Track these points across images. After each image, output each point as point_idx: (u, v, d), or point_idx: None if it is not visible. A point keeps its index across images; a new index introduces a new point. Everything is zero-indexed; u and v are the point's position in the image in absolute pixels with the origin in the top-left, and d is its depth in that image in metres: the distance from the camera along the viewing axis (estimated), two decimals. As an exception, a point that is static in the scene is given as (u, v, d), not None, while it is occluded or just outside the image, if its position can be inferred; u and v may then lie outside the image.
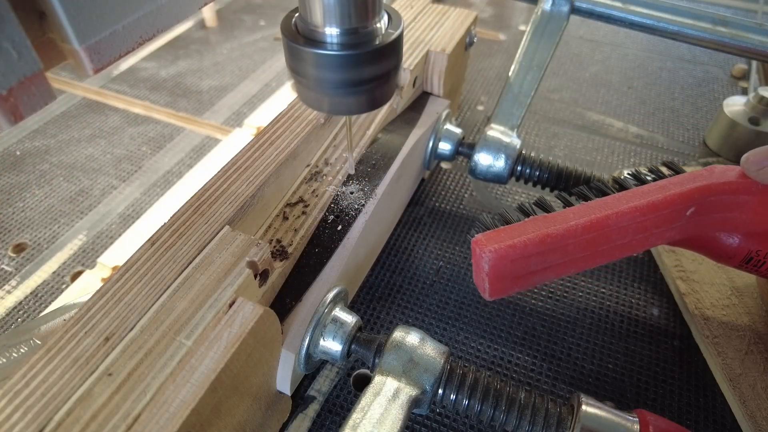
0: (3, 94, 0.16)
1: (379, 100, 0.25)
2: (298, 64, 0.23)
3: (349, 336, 0.28)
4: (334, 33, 0.22)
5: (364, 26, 0.22)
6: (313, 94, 0.24)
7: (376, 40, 0.23)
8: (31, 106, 0.17)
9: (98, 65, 0.19)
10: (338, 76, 0.23)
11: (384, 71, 0.24)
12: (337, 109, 0.25)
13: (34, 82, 0.17)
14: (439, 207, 0.45)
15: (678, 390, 0.34)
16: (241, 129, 0.54)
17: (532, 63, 0.43)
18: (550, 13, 0.44)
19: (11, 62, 0.16)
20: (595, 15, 0.45)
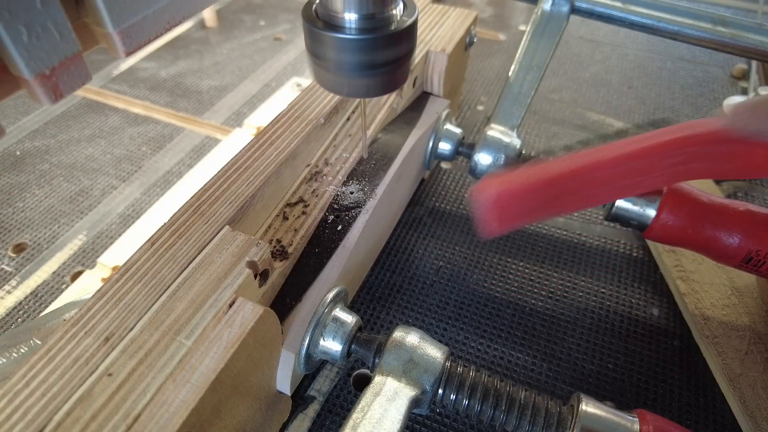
0: (46, 72, 0.17)
1: (394, 84, 0.26)
2: (317, 47, 0.24)
3: (349, 336, 0.28)
4: (352, 18, 0.23)
5: (381, 12, 0.24)
6: (331, 76, 0.25)
7: (392, 26, 0.24)
8: (71, 86, 0.18)
9: (129, 48, 0.20)
10: (355, 59, 0.24)
11: (399, 55, 0.25)
12: (353, 92, 0.26)
13: (73, 63, 0.18)
14: (439, 207, 0.45)
15: (678, 390, 0.34)
16: (241, 129, 0.54)
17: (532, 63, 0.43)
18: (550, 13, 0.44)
19: (54, 43, 0.17)
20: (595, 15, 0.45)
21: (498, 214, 0.27)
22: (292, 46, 0.69)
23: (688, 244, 0.33)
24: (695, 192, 0.33)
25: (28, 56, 0.17)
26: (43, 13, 0.17)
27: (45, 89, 0.18)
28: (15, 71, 0.17)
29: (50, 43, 0.17)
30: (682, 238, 0.33)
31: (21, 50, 0.16)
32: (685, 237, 0.33)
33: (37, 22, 0.17)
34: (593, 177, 0.27)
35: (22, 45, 0.16)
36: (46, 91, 0.18)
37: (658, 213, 0.33)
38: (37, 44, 0.17)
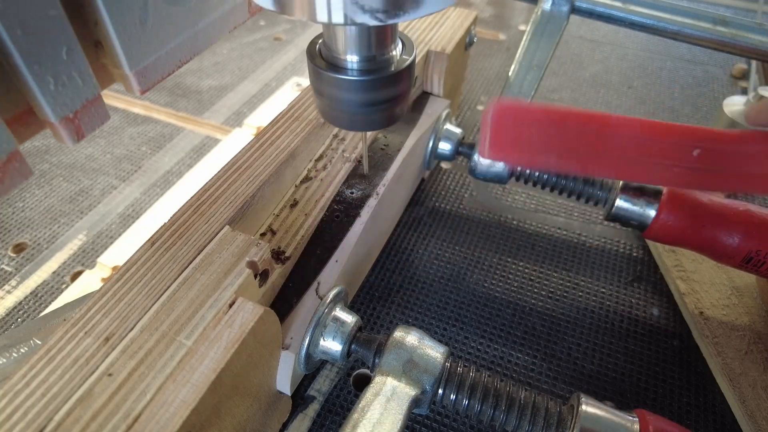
0: (70, 116, 0.19)
1: (394, 118, 0.27)
2: (321, 85, 0.26)
3: (349, 336, 0.28)
4: (354, 60, 0.24)
5: (382, 54, 0.24)
6: (333, 112, 0.27)
7: (391, 66, 0.25)
8: (91, 126, 0.20)
9: (144, 87, 0.21)
10: (357, 98, 0.25)
11: (398, 93, 0.26)
12: (355, 126, 0.28)
13: (94, 105, 0.20)
14: (439, 207, 0.45)
15: (678, 390, 0.34)
16: (241, 129, 0.54)
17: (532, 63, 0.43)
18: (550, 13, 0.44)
19: (77, 88, 0.19)
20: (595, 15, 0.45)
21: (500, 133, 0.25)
22: (292, 46, 0.68)
23: (688, 244, 0.33)
24: (695, 192, 0.33)
25: (54, 102, 0.18)
26: (69, 63, 0.18)
27: (69, 131, 0.19)
28: (41, 116, 0.18)
29: (74, 89, 0.18)
30: (682, 238, 0.33)
31: (48, 98, 0.18)
32: (685, 237, 0.33)
33: (63, 71, 0.18)
34: (610, 134, 0.25)
35: (49, 93, 0.18)
36: (69, 132, 0.19)
37: (658, 213, 0.33)
38: (62, 91, 0.18)
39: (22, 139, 0.18)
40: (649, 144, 0.26)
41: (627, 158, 0.26)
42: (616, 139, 0.26)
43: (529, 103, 0.25)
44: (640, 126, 0.25)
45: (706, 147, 0.26)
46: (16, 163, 0.18)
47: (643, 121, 0.26)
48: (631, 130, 0.25)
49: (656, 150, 0.26)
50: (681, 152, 0.26)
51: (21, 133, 0.18)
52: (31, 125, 0.19)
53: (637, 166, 0.26)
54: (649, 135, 0.25)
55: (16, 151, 0.18)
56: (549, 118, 0.25)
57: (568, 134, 0.25)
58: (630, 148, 0.26)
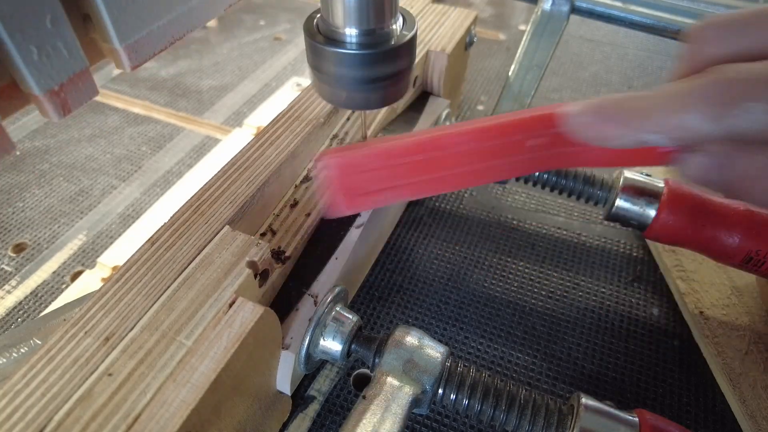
0: (55, 89, 0.18)
1: (393, 97, 0.27)
2: (318, 61, 0.25)
3: (349, 336, 0.28)
4: (353, 33, 0.23)
5: (381, 27, 0.24)
6: (331, 89, 0.26)
7: (391, 41, 0.24)
8: (78, 100, 0.19)
9: (135, 63, 0.20)
10: (356, 74, 0.24)
11: (398, 70, 0.25)
12: (353, 104, 0.27)
13: (81, 78, 0.19)
14: (439, 207, 0.45)
15: (678, 390, 0.34)
16: (241, 129, 0.54)
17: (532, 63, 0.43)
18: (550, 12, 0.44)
19: (63, 60, 0.18)
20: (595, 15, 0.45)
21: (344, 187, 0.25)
22: (292, 45, 0.68)
23: (688, 244, 0.33)
24: (695, 192, 0.33)
25: (38, 74, 0.17)
26: (54, 32, 0.17)
27: (54, 105, 0.18)
28: (25, 88, 0.18)
29: (59, 60, 0.18)
30: (682, 238, 0.33)
31: (31, 68, 0.17)
32: (685, 237, 0.33)
33: (48, 41, 0.17)
34: (443, 155, 0.25)
35: (32, 63, 0.17)
36: (55, 107, 0.18)
37: (658, 213, 0.33)
38: (47, 62, 0.17)
39: (5, 113, 0.18)
40: (485, 149, 0.25)
41: (468, 168, 0.25)
42: (452, 156, 0.25)
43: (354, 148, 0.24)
44: (472, 135, 0.24)
45: (538, 134, 0.24)
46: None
47: (474, 129, 0.24)
48: (462, 143, 0.24)
49: (492, 152, 0.25)
50: (516, 146, 0.25)
51: (4, 108, 0.18)
52: (14, 99, 0.18)
53: (478, 172, 0.25)
54: (481, 141, 0.24)
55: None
56: (378, 159, 0.24)
57: (402, 168, 0.25)
58: (467, 158, 0.25)
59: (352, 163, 0.24)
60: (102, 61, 0.21)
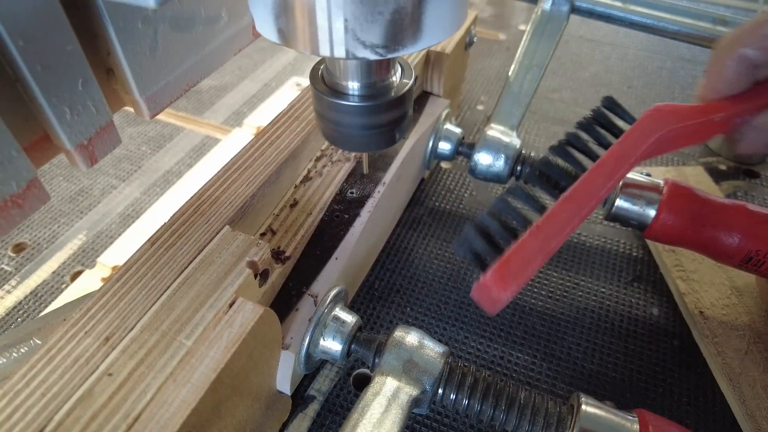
0: (84, 143, 0.19)
1: (395, 139, 0.28)
2: (322, 109, 0.26)
3: (349, 336, 0.28)
4: (355, 86, 0.25)
5: (382, 80, 0.25)
6: (336, 134, 0.27)
7: (392, 92, 0.25)
8: (104, 151, 0.21)
9: (154, 112, 0.22)
10: (357, 122, 0.26)
11: (399, 116, 0.26)
12: (356, 148, 0.29)
13: (106, 131, 0.20)
14: (439, 207, 0.45)
15: (678, 390, 0.34)
16: (241, 129, 0.54)
17: (532, 63, 0.43)
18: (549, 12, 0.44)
19: (91, 116, 0.19)
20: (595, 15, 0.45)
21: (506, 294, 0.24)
22: (292, 45, 0.68)
23: (687, 243, 0.33)
24: (695, 192, 0.33)
25: (70, 131, 0.19)
26: (84, 93, 0.19)
27: (83, 157, 0.20)
28: (57, 143, 0.19)
29: (88, 117, 0.19)
30: (682, 238, 0.33)
31: (65, 127, 0.19)
32: (685, 237, 0.33)
33: (79, 101, 0.19)
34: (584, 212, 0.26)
35: (65, 122, 0.19)
36: (83, 158, 0.20)
37: (658, 213, 0.33)
38: (77, 120, 0.19)
39: (38, 164, 0.19)
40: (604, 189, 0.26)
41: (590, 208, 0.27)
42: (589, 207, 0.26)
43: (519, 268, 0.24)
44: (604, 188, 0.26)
45: None
46: (35, 189, 0.18)
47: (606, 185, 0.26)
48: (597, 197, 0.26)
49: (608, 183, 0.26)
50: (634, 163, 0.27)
51: (37, 159, 0.19)
52: (47, 151, 0.19)
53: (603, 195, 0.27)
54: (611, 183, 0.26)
55: (35, 178, 0.18)
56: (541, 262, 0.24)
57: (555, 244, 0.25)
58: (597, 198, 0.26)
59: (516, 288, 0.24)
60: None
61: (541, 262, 0.24)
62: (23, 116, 0.18)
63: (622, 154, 0.26)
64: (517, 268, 0.24)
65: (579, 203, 0.25)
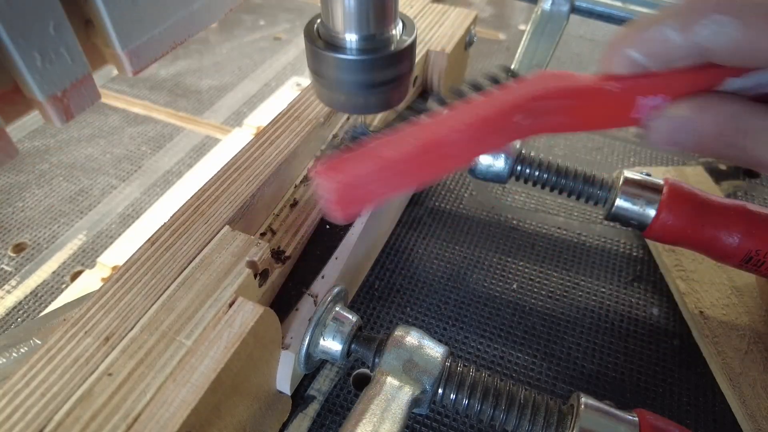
0: (58, 95, 0.18)
1: (393, 102, 0.27)
2: (318, 66, 0.25)
3: (349, 335, 0.28)
4: (353, 39, 0.24)
5: (381, 33, 0.24)
6: (331, 94, 0.26)
7: (391, 46, 0.24)
8: (81, 106, 0.19)
9: (137, 67, 0.21)
10: (355, 79, 0.24)
11: (398, 75, 0.25)
12: (353, 109, 0.27)
13: (83, 84, 0.19)
14: (439, 207, 0.45)
15: (678, 390, 0.34)
16: (241, 129, 0.54)
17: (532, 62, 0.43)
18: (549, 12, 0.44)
19: (66, 66, 0.18)
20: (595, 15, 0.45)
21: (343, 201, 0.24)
22: (292, 45, 0.68)
23: (687, 243, 0.33)
24: (695, 192, 0.33)
25: (41, 80, 0.17)
26: (56, 38, 0.17)
27: (57, 110, 0.18)
28: (28, 93, 0.18)
29: (62, 66, 0.18)
30: (681, 238, 0.33)
31: (35, 74, 0.17)
32: (685, 237, 0.33)
33: (51, 47, 0.17)
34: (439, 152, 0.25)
35: (35, 69, 0.17)
36: (57, 112, 0.18)
37: (657, 213, 0.33)
38: (49, 68, 0.17)
39: (8, 119, 0.18)
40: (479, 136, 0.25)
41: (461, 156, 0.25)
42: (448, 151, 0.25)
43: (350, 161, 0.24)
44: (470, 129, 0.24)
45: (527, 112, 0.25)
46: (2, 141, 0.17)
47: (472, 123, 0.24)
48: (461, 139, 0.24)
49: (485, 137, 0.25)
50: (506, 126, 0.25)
51: (7, 113, 0.18)
52: (17, 104, 0.18)
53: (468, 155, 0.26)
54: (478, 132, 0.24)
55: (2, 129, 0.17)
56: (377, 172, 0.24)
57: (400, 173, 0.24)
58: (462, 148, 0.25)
59: (350, 181, 0.23)
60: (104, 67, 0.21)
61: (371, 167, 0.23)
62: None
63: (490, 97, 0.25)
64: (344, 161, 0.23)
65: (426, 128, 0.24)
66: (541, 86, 0.25)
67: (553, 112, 0.25)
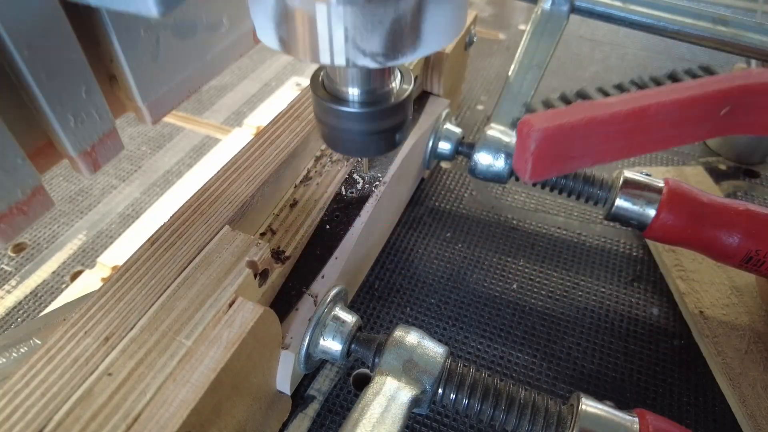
0: (88, 150, 0.20)
1: (395, 144, 0.28)
2: (323, 114, 0.26)
3: (348, 335, 0.28)
4: (355, 93, 0.25)
5: (381, 87, 0.25)
6: (336, 140, 0.27)
7: (391, 98, 0.25)
8: (107, 157, 0.21)
9: (156, 118, 0.22)
10: (358, 128, 0.26)
11: (399, 122, 0.27)
12: (355, 153, 0.29)
13: (109, 138, 0.21)
14: (439, 207, 0.45)
15: (678, 389, 0.34)
16: (241, 129, 0.54)
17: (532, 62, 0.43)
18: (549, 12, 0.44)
19: (95, 124, 0.20)
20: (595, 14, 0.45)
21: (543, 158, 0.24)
22: (292, 45, 0.68)
23: (687, 243, 0.33)
24: (695, 192, 0.33)
25: (74, 138, 0.19)
26: (87, 101, 0.19)
27: (86, 164, 0.20)
28: (62, 150, 0.19)
29: (91, 124, 0.19)
30: (681, 238, 0.33)
31: (68, 134, 0.19)
32: (685, 237, 0.33)
33: (82, 109, 0.19)
34: (641, 123, 0.25)
35: (69, 130, 0.19)
36: (87, 165, 0.20)
37: (657, 212, 0.33)
38: (81, 127, 0.19)
39: (42, 171, 0.19)
40: (682, 115, 0.25)
41: (660, 138, 0.26)
42: (652, 125, 0.25)
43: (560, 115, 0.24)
44: (675, 105, 0.25)
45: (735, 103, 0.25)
46: (40, 196, 0.19)
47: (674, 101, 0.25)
48: (663, 113, 0.25)
49: (688, 118, 0.25)
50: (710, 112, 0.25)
51: (41, 166, 0.19)
52: (50, 157, 0.20)
53: (670, 140, 0.26)
54: (682, 111, 0.25)
55: (40, 185, 0.18)
56: (586, 128, 0.24)
57: (605, 138, 0.25)
58: (664, 126, 0.25)
59: (557, 132, 0.23)
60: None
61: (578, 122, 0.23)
62: (27, 123, 0.18)
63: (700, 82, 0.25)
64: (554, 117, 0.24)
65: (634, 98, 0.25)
66: (756, 80, 0.24)
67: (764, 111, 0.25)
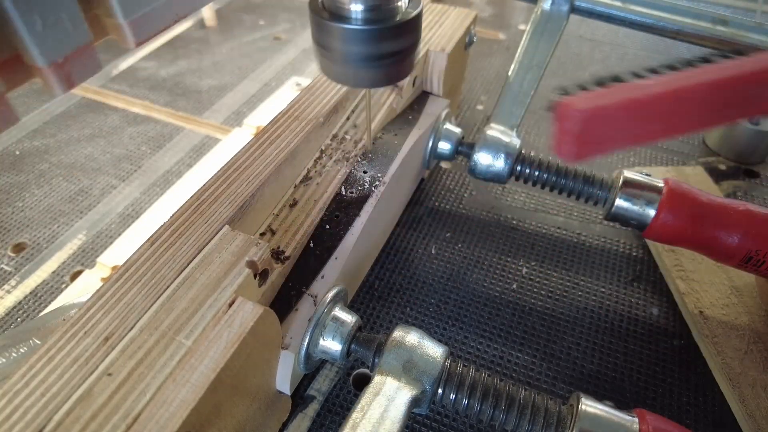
0: (59, 61, 0.18)
1: (398, 75, 0.26)
2: (323, 37, 0.25)
3: (348, 335, 0.28)
4: (358, 9, 0.23)
5: (387, 3, 0.24)
6: (335, 67, 0.26)
7: (397, 17, 0.24)
8: (82, 75, 0.19)
9: (139, 39, 0.20)
10: (360, 50, 0.24)
11: (404, 47, 0.25)
12: (358, 82, 0.27)
13: (85, 52, 0.19)
14: (439, 207, 0.45)
15: (678, 389, 0.34)
16: (241, 128, 0.54)
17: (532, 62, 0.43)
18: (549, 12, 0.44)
19: (67, 33, 0.18)
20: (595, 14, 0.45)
21: (583, 136, 0.24)
22: (292, 45, 0.68)
23: (687, 243, 0.33)
24: (695, 192, 0.33)
25: (42, 45, 0.17)
26: (57, 3, 0.17)
27: (58, 78, 0.18)
28: (29, 60, 0.18)
29: (63, 32, 0.18)
30: (681, 238, 0.33)
31: (36, 39, 0.17)
32: (685, 237, 0.33)
33: (51, 12, 0.17)
34: (680, 105, 0.25)
35: (36, 34, 0.17)
36: (59, 79, 0.18)
37: (657, 212, 0.33)
38: (50, 33, 0.17)
39: (9, 86, 0.18)
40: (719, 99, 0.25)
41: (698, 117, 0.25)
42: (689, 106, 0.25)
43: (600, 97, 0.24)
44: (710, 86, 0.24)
45: None
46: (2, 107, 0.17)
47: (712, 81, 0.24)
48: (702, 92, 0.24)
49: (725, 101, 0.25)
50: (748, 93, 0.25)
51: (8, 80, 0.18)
52: (18, 72, 0.18)
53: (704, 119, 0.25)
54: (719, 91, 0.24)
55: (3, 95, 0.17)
56: (627, 110, 0.24)
57: (644, 119, 0.24)
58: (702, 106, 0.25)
59: (596, 114, 0.23)
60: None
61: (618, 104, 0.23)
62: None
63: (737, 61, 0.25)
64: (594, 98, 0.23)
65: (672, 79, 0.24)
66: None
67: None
